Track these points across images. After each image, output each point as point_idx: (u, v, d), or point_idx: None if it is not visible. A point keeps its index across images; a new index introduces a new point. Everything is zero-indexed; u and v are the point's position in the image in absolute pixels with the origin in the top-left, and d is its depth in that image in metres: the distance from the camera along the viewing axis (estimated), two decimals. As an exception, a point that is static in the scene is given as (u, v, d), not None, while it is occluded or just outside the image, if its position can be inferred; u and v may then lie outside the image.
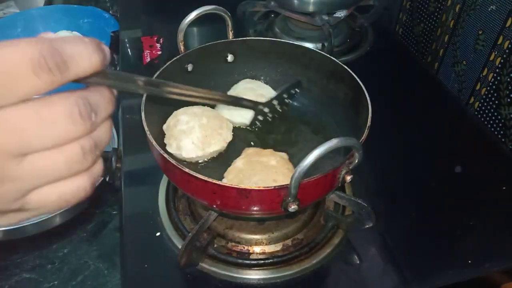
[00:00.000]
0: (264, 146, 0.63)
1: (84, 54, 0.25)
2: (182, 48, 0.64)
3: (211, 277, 0.57)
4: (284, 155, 0.60)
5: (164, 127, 0.62)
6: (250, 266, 0.58)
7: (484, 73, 0.85)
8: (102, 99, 0.27)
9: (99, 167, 0.29)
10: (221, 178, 0.57)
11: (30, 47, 0.23)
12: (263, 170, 0.56)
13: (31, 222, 0.78)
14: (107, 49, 0.27)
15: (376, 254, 0.61)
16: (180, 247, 0.55)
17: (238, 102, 0.59)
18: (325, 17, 0.93)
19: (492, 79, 0.83)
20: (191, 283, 0.58)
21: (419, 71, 0.97)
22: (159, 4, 1.18)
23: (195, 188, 0.49)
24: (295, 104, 0.71)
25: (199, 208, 0.65)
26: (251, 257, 0.60)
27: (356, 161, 0.48)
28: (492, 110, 0.84)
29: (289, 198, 0.46)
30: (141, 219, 0.65)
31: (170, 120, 0.62)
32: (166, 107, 0.63)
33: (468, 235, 0.64)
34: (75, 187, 0.28)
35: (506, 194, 0.69)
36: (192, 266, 0.57)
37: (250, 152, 0.60)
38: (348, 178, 0.50)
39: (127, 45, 1.03)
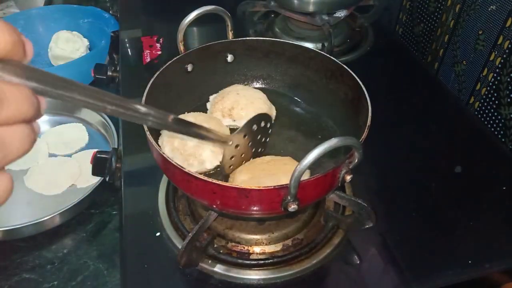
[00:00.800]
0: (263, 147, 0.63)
1: None
2: (182, 48, 0.64)
3: (211, 277, 0.57)
4: (267, 157, 0.61)
5: (167, 150, 0.59)
6: (250, 266, 0.58)
7: (484, 73, 0.85)
8: (14, 93, 0.22)
9: (2, 184, 0.23)
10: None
11: None
12: (270, 164, 0.57)
13: (31, 222, 0.78)
14: (28, 42, 0.22)
15: (376, 254, 0.61)
16: (180, 247, 0.55)
17: (202, 134, 0.48)
18: (325, 17, 0.93)
19: (492, 79, 0.83)
20: (191, 283, 0.58)
21: (419, 71, 0.97)
22: (159, 4, 1.18)
23: (195, 188, 0.49)
24: (295, 104, 0.71)
25: (199, 208, 0.65)
26: (251, 257, 0.60)
27: (356, 160, 0.48)
28: (492, 110, 0.84)
29: (289, 198, 0.45)
30: (141, 219, 0.65)
31: (173, 143, 0.59)
32: (166, 107, 0.63)
33: (468, 235, 0.64)
34: None
35: (506, 194, 0.69)
36: (192, 266, 0.57)
37: (240, 169, 0.59)
38: (348, 177, 0.50)
39: (127, 45, 1.03)
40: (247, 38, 0.70)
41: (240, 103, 0.66)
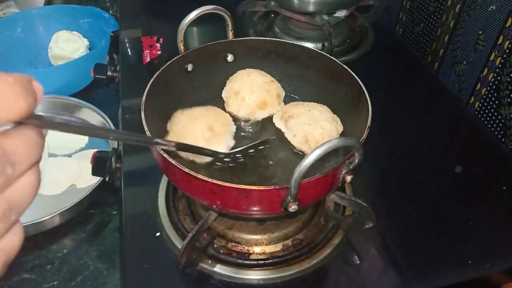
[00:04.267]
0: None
1: (6, 98, 0.19)
2: (182, 48, 0.64)
3: (211, 277, 0.57)
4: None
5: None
6: (250, 266, 0.58)
7: (484, 73, 0.85)
8: (25, 144, 0.21)
9: (14, 238, 0.22)
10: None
11: None
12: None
13: (31, 222, 0.78)
14: (38, 87, 0.21)
15: (376, 254, 0.61)
16: (180, 247, 0.55)
17: (198, 150, 0.53)
18: (325, 17, 0.93)
19: (492, 79, 0.83)
20: (191, 283, 0.58)
21: (419, 71, 0.97)
22: (159, 4, 1.18)
23: (195, 188, 0.49)
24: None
25: (199, 208, 0.65)
26: (251, 257, 0.60)
27: (356, 161, 0.48)
28: (492, 110, 0.84)
29: (289, 198, 0.45)
30: (141, 219, 0.65)
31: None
32: (166, 107, 0.63)
33: (468, 235, 0.64)
34: None
35: (506, 194, 0.69)
36: (192, 266, 0.57)
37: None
38: (348, 178, 0.50)
39: (127, 45, 1.03)
40: (247, 38, 0.70)
41: (300, 117, 0.63)
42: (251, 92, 0.66)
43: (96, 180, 0.87)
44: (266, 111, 0.67)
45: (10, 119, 0.20)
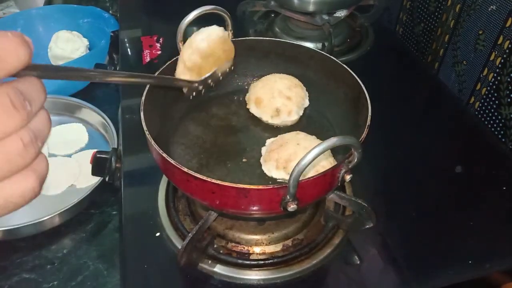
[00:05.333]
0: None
1: (11, 49, 0.24)
2: (181, 48, 0.64)
3: (211, 277, 0.57)
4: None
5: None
6: (250, 267, 0.58)
7: (484, 73, 0.85)
8: (33, 87, 0.26)
9: (43, 163, 0.27)
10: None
11: None
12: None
13: (31, 222, 0.78)
14: (29, 40, 0.25)
15: (376, 254, 0.61)
16: (180, 247, 0.55)
17: (172, 82, 0.58)
18: (325, 17, 0.93)
19: (492, 79, 0.83)
20: (191, 283, 0.58)
21: (419, 71, 0.97)
22: (159, 4, 1.19)
23: (194, 188, 0.49)
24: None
25: (199, 208, 0.65)
26: (251, 257, 0.60)
27: (356, 160, 0.47)
28: (492, 110, 0.84)
29: (288, 197, 0.45)
30: (141, 219, 0.65)
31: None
32: (165, 107, 0.63)
33: (468, 235, 0.63)
34: (22, 187, 0.26)
35: (506, 194, 0.69)
36: (192, 267, 0.57)
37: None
38: (348, 177, 0.50)
39: (127, 45, 1.03)
40: (247, 38, 0.70)
41: (298, 156, 0.54)
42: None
43: (96, 180, 0.87)
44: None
45: (17, 66, 0.24)
